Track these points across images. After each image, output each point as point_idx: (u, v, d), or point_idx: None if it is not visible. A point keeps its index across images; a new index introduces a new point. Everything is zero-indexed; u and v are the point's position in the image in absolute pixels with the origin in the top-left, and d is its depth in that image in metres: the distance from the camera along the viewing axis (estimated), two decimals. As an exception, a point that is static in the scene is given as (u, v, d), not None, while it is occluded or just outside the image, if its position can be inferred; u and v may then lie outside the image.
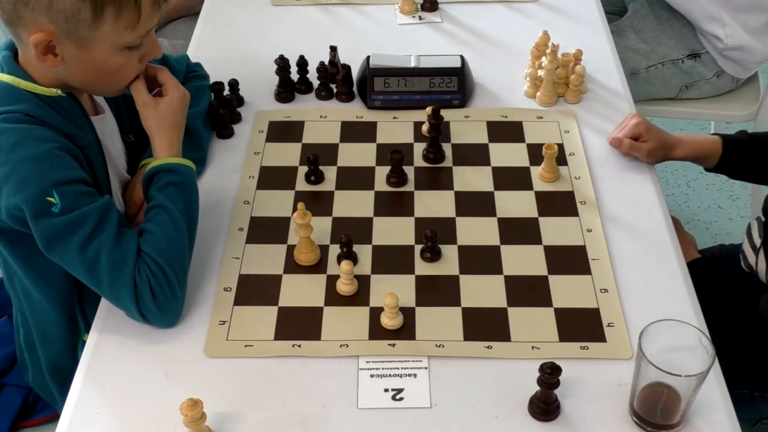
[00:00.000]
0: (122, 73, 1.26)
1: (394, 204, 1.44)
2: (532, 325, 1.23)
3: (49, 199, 1.16)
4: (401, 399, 1.15)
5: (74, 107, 1.27)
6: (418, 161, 1.52)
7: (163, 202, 1.25)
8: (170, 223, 1.24)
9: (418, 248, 1.35)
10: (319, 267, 1.32)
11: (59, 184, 1.17)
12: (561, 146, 1.54)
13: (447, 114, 1.58)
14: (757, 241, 1.48)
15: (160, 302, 1.20)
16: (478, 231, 1.38)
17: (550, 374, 1.07)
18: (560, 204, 1.43)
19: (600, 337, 1.21)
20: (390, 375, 1.17)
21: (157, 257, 1.20)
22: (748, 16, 2.10)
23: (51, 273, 1.31)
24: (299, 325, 1.24)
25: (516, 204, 1.43)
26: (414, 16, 1.92)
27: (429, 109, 1.51)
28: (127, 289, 1.18)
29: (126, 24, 1.18)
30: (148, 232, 1.23)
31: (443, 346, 1.20)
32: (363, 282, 1.29)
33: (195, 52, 1.79)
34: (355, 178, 1.49)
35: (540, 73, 1.65)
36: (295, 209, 1.34)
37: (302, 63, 1.67)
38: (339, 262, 1.30)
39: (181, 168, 1.30)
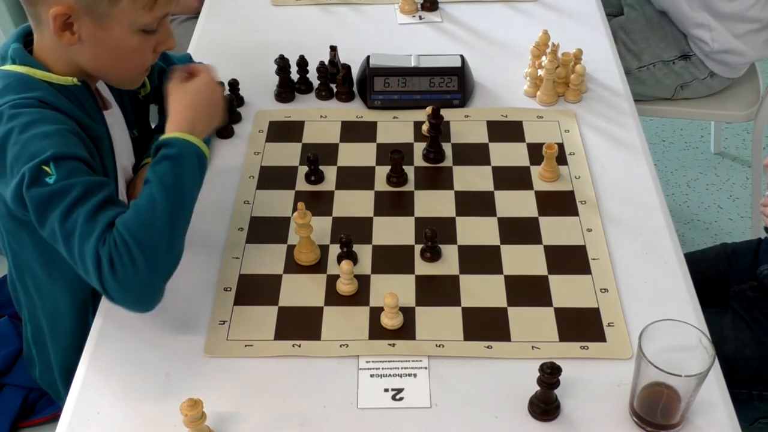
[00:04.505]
0: (136, 57, 1.27)
1: (394, 204, 1.44)
2: (532, 325, 1.23)
3: (44, 167, 1.14)
4: (401, 399, 1.15)
5: (87, 97, 1.27)
6: (418, 161, 1.52)
7: (150, 176, 1.20)
8: (148, 198, 1.17)
9: (418, 248, 1.35)
10: (319, 267, 1.32)
11: (60, 157, 1.15)
12: (561, 146, 1.54)
13: (447, 114, 1.58)
14: None
15: (120, 276, 1.13)
16: (478, 231, 1.38)
17: (550, 374, 1.07)
18: (560, 204, 1.43)
19: (600, 337, 1.21)
20: (390, 375, 1.17)
21: (123, 230, 1.13)
22: (733, 24, 2.12)
23: (66, 264, 1.30)
24: (299, 325, 1.24)
25: (516, 204, 1.43)
26: (414, 16, 1.92)
27: (429, 109, 1.51)
28: (91, 259, 1.13)
29: (144, 2, 1.19)
30: (129, 208, 1.18)
31: (443, 346, 1.20)
32: (363, 282, 1.29)
33: (195, 52, 1.79)
34: (355, 178, 1.49)
35: (540, 72, 1.65)
36: (295, 209, 1.34)
37: (302, 63, 1.67)
38: (339, 262, 1.30)
39: (177, 142, 1.21)
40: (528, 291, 1.28)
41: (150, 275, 1.14)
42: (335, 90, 1.68)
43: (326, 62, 1.68)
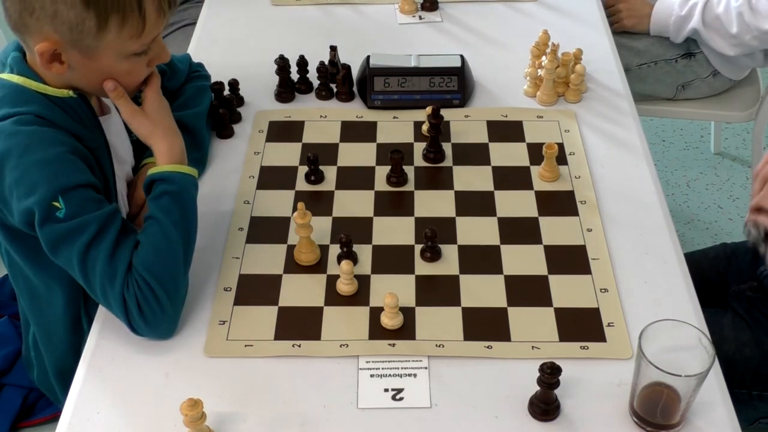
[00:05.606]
0: (130, 77, 1.26)
1: (394, 204, 1.44)
2: (532, 325, 1.23)
3: (54, 203, 1.16)
4: (401, 399, 1.15)
5: (84, 109, 1.26)
6: (418, 161, 1.52)
7: (156, 213, 1.23)
8: (161, 236, 1.21)
9: (418, 248, 1.35)
10: (319, 267, 1.32)
11: (66, 189, 1.16)
12: (561, 146, 1.54)
13: (447, 113, 1.58)
14: None
15: (148, 318, 1.18)
16: (478, 231, 1.38)
17: (550, 374, 1.07)
18: (560, 204, 1.43)
19: (600, 337, 1.21)
20: (390, 375, 1.17)
21: (145, 273, 1.18)
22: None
23: (60, 271, 1.30)
24: (299, 325, 1.24)
25: (516, 204, 1.43)
26: (414, 16, 1.92)
27: (429, 109, 1.51)
28: (117, 304, 1.18)
29: (131, 33, 1.18)
30: (141, 244, 1.21)
31: (443, 346, 1.20)
32: (363, 282, 1.29)
33: (195, 52, 1.79)
34: (355, 178, 1.49)
35: (540, 72, 1.65)
36: (295, 209, 1.34)
37: (302, 63, 1.67)
38: (339, 262, 1.30)
39: (176, 177, 1.25)
40: (528, 291, 1.28)
41: (174, 310, 1.22)
42: (335, 90, 1.68)
43: (326, 62, 1.68)
